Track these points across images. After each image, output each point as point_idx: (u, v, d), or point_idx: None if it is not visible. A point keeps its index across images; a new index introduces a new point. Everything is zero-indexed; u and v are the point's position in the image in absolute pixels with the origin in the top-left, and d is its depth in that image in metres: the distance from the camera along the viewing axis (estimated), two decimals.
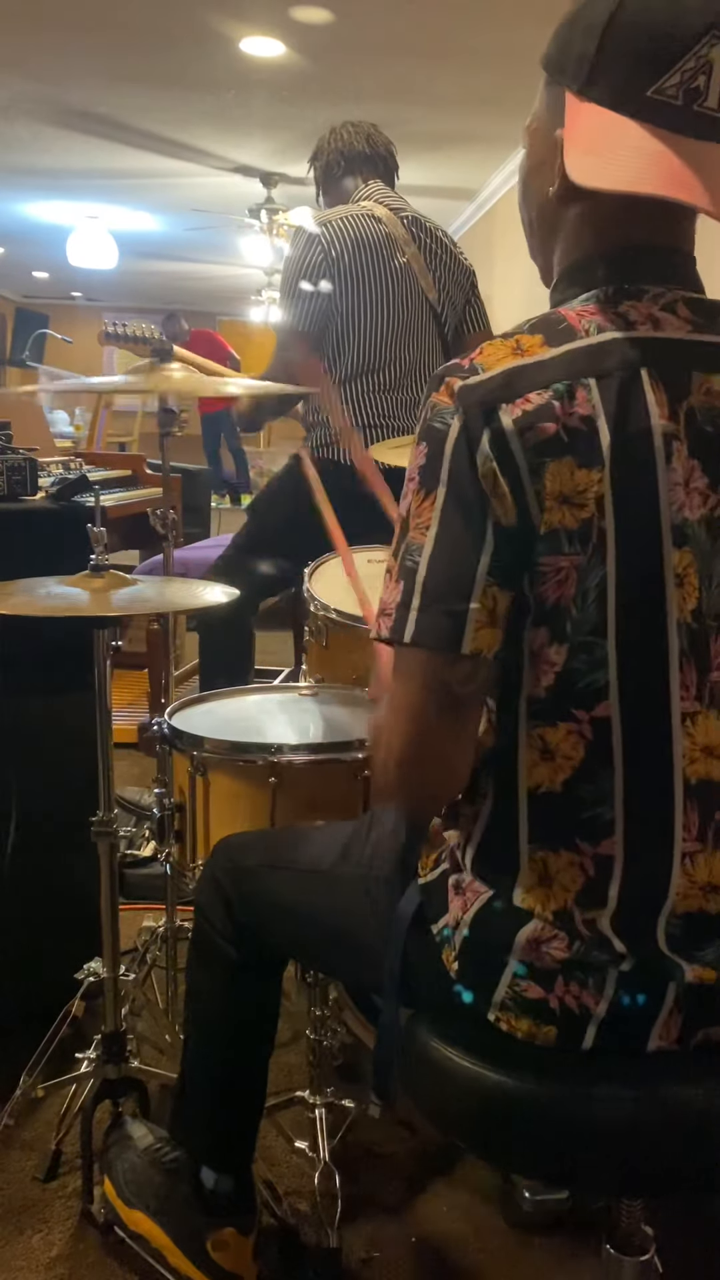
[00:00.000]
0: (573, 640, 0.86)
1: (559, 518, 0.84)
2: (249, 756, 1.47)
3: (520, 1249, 1.45)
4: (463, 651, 0.86)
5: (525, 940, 0.89)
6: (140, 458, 4.15)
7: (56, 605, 1.42)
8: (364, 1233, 1.45)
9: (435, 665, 0.88)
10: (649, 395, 0.85)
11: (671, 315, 0.89)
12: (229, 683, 2.04)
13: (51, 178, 6.79)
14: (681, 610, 0.86)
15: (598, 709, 0.87)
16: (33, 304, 11.51)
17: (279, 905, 1.21)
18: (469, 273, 2.55)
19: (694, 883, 0.88)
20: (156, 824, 1.67)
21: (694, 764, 0.88)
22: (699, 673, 0.87)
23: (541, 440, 0.84)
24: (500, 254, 6.35)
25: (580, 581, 0.85)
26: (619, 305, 0.89)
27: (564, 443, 0.84)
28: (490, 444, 0.84)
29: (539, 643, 0.87)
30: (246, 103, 5.00)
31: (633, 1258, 1.00)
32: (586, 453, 0.84)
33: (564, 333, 0.87)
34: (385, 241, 2.37)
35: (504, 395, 0.85)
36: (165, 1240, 1.33)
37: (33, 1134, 1.63)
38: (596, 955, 0.88)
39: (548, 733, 0.89)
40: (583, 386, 0.84)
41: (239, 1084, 1.32)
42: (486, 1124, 0.93)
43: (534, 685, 0.88)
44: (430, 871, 1.01)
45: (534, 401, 0.84)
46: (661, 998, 0.88)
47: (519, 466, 0.84)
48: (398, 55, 4.33)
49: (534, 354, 0.87)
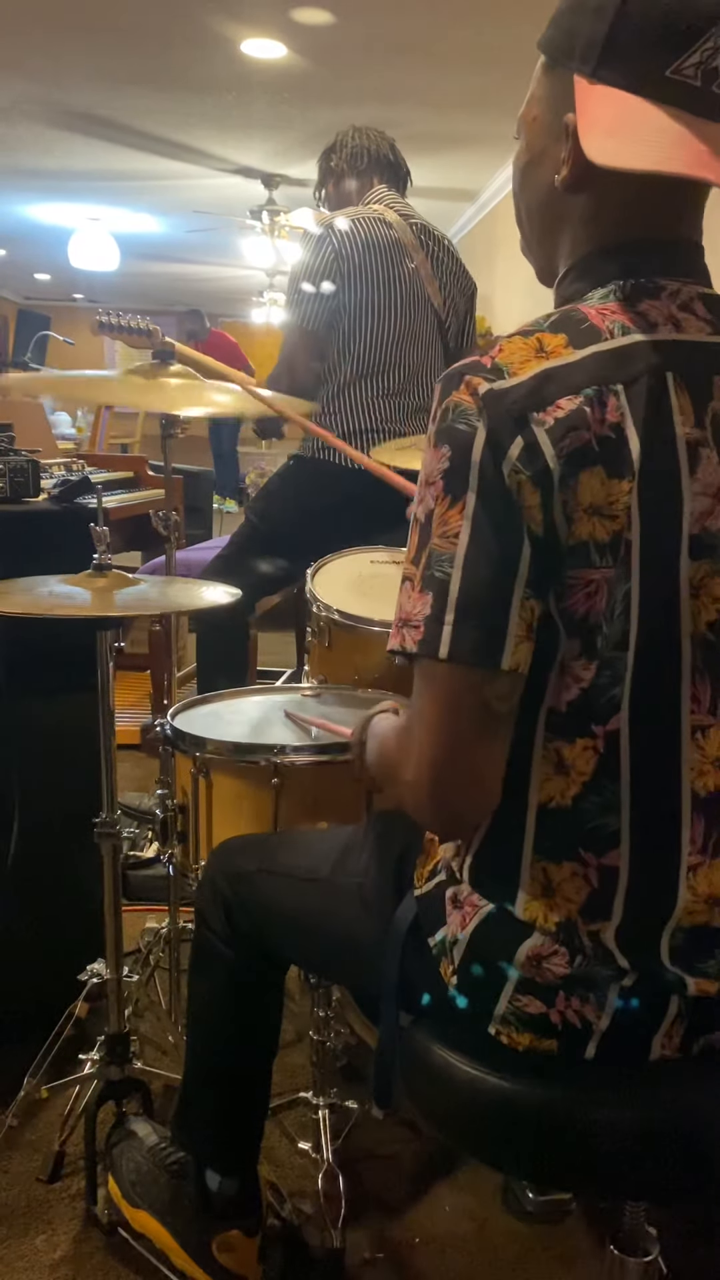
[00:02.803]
0: (602, 655, 0.84)
1: (588, 530, 0.81)
2: (252, 758, 1.47)
3: (524, 1250, 1.45)
4: (502, 667, 0.82)
5: (526, 956, 0.88)
6: (142, 459, 4.15)
7: (59, 604, 1.42)
8: (368, 1233, 1.45)
9: (472, 681, 0.83)
10: (674, 401, 0.83)
11: (691, 315, 0.87)
12: (228, 682, 2.04)
13: (53, 180, 6.80)
14: (696, 623, 0.84)
15: (610, 723, 0.85)
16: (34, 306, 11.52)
17: (277, 911, 1.20)
18: (472, 283, 2.57)
19: (697, 896, 0.87)
20: (159, 825, 1.66)
21: (703, 776, 0.86)
22: (713, 686, 0.85)
23: (575, 449, 0.81)
24: (502, 255, 6.35)
25: (610, 595, 0.83)
26: (639, 304, 0.86)
27: (595, 452, 0.81)
28: (521, 455, 0.81)
29: (569, 655, 0.85)
30: (247, 104, 5.00)
31: (636, 1258, 1.00)
32: (616, 462, 0.81)
33: (588, 333, 0.85)
34: (394, 246, 2.37)
35: (534, 403, 0.81)
36: (170, 1241, 1.33)
37: (36, 1135, 1.63)
38: (598, 970, 0.87)
39: (564, 748, 0.86)
40: (612, 393, 0.82)
41: (242, 1086, 1.32)
42: (487, 1129, 0.93)
43: (555, 699, 0.86)
44: (426, 883, 1.00)
45: (565, 408, 0.81)
46: (663, 1010, 0.87)
47: (551, 477, 0.81)
48: (398, 57, 4.33)
49: (559, 356, 0.83)
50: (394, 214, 2.42)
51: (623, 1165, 0.89)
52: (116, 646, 1.52)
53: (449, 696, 0.85)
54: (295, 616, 2.81)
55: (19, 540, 1.81)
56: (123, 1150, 1.43)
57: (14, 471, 1.85)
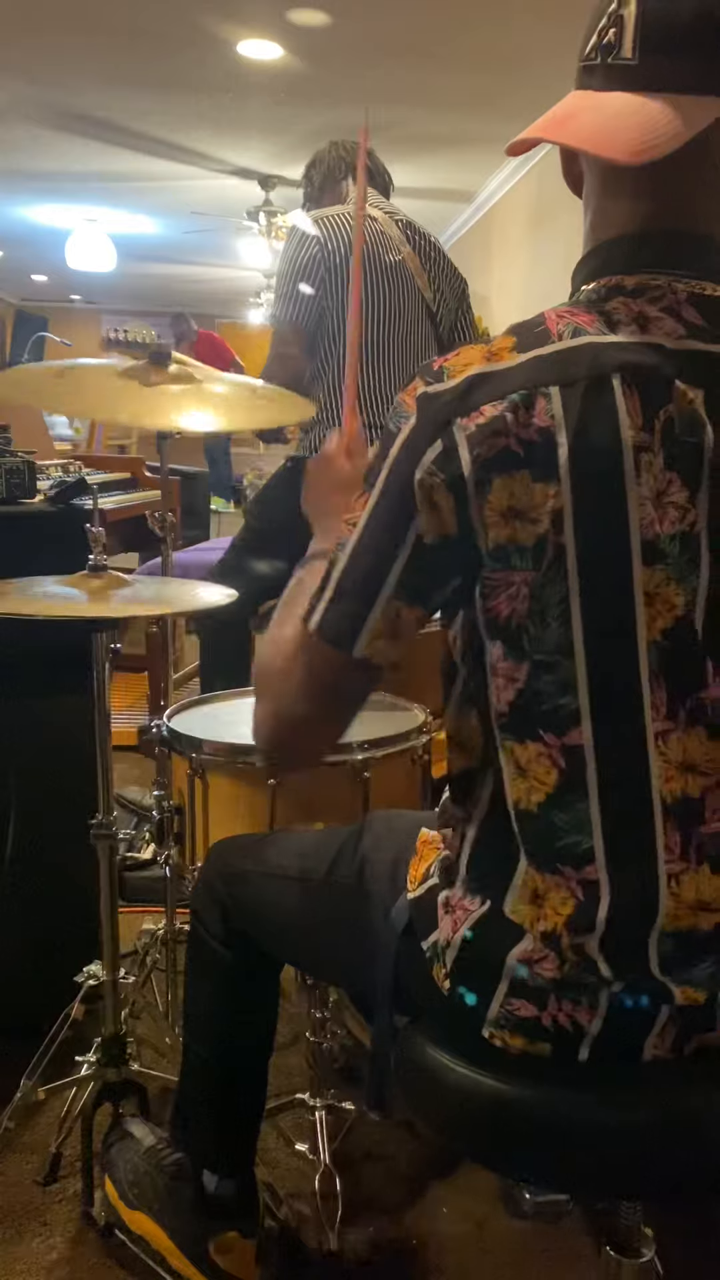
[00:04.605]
0: (532, 657, 0.84)
1: (508, 533, 0.82)
2: (248, 759, 1.47)
3: (521, 1250, 1.45)
4: (354, 654, 0.90)
5: (517, 959, 0.88)
6: (139, 460, 4.15)
7: (55, 605, 1.42)
8: (365, 1235, 1.45)
9: (329, 659, 0.91)
10: (620, 404, 0.81)
11: (668, 316, 0.84)
12: (228, 685, 2.04)
13: (50, 181, 6.80)
14: (652, 629, 0.83)
15: (569, 735, 0.84)
16: (31, 307, 11.51)
17: (272, 912, 1.20)
18: (462, 280, 2.58)
19: (681, 902, 0.86)
20: (156, 827, 1.67)
21: (669, 782, 0.85)
22: (670, 692, 0.84)
23: (491, 456, 0.81)
24: (498, 256, 6.35)
25: (536, 598, 0.83)
26: (608, 303, 0.85)
27: (519, 457, 0.81)
28: (438, 459, 0.83)
29: (495, 657, 0.86)
30: (244, 105, 5.00)
31: (633, 1259, 1.00)
32: (542, 466, 0.81)
33: (538, 337, 0.84)
34: (379, 238, 2.39)
35: (460, 407, 0.83)
36: (167, 1243, 1.32)
37: (33, 1137, 1.63)
38: (587, 976, 0.87)
39: (517, 749, 0.87)
40: (543, 395, 0.81)
41: (239, 1087, 1.32)
42: (483, 1130, 0.93)
43: (497, 699, 0.87)
44: (419, 886, 1.00)
45: (487, 414, 0.82)
46: (655, 1014, 0.87)
47: (465, 482, 0.82)
48: (395, 57, 4.33)
49: (501, 360, 0.84)
50: (378, 210, 2.44)
51: (618, 1166, 0.89)
52: (113, 648, 1.52)
53: (310, 666, 0.93)
54: None
55: (15, 541, 1.81)
56: (120, 1152, 1.43)
57: (10, 473, 1.85)
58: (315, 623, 0.91)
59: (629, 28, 0.81)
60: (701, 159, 0.83)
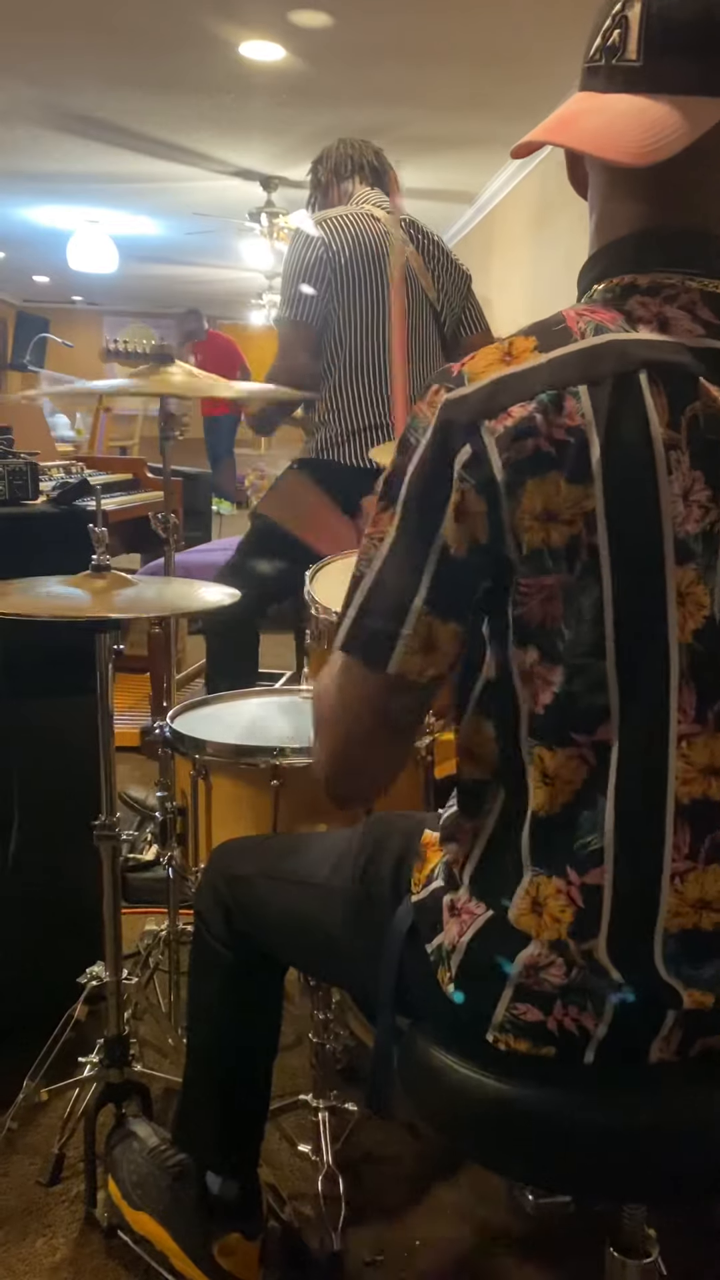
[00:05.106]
0: (568, 661, 0.83)
1: (541, 536, 0.81)
2: (251, 760, 1.47)
3: (524, 1252, 1.45)
4: (388, 671, 0.87)
5: (523, 965, 0.88)
6: (141, 461, 4.15)
7: (58, 606, 1.42)
8: (368, 1236, 1.45)
9: (365, 679, 0.89)
10: (648, 401, 0.80)
11: (686, 315, 0.84)
12: (234, 687, 2.04)
13: (51, 182, 6.80)
14: (682, 630, 0.82)
15: (599, 732, 0.84)
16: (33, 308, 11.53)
17: (275, 914, 1.20)
18: (465, 275, 2.58)
19: (684, 900, 0.85)
20: (159, 827, 1.67)
21: (688, 785, 0.84)
22: (700, 695, 0.83)
23: (522, 458, 0.81)
24: (499, 257, 6.35)
25: (570, 601, 0.82)
26: (626, 301, 0.85)
27: (551, 457, 0.80)
28: (468, 463, 0.82)
29: (529, 662, 0.85)
30: (246, 106, 5.00)
31: (636, 1260, 1.00)
32: (575, 467, 0.80)
33: (559, 335, 0.84)
34: (383, 239, 2.38)
35: (486, 410, 0.82)
36: (170, 1244, 1.32)
37: (36, 1138, 1.63)
38: (594, 981, 0.87)
39: (545, 755, 0.86)
40: (571, 395, 0.80)
41: (242, 1088, 1.32)
42: (486, 1132, 0.93)
43: (532, 703, 0.86)
44: (422, 889, 1.00)
45: (515, 415, 0.81)
46: (661, 1018, 0.87)
47: (497, 486, 0.81)
48: (397, 58, 4.33)
49: (523, 360, 0.83)
50: (381, 211, 2.44)
51: (622, 1168, 0.89)
52: (116, 649, 1.52)
53: (346, 688, 0.91)
54: (296, 619, 2.81)
55: (18, 542, 1.81)
56: (123, 1152, 1.43)
57: (13, 474, 1.85)
58: (341, 640, 0.89)
59: (633, 29, 0.82)
60: (707, 159, 0.83)
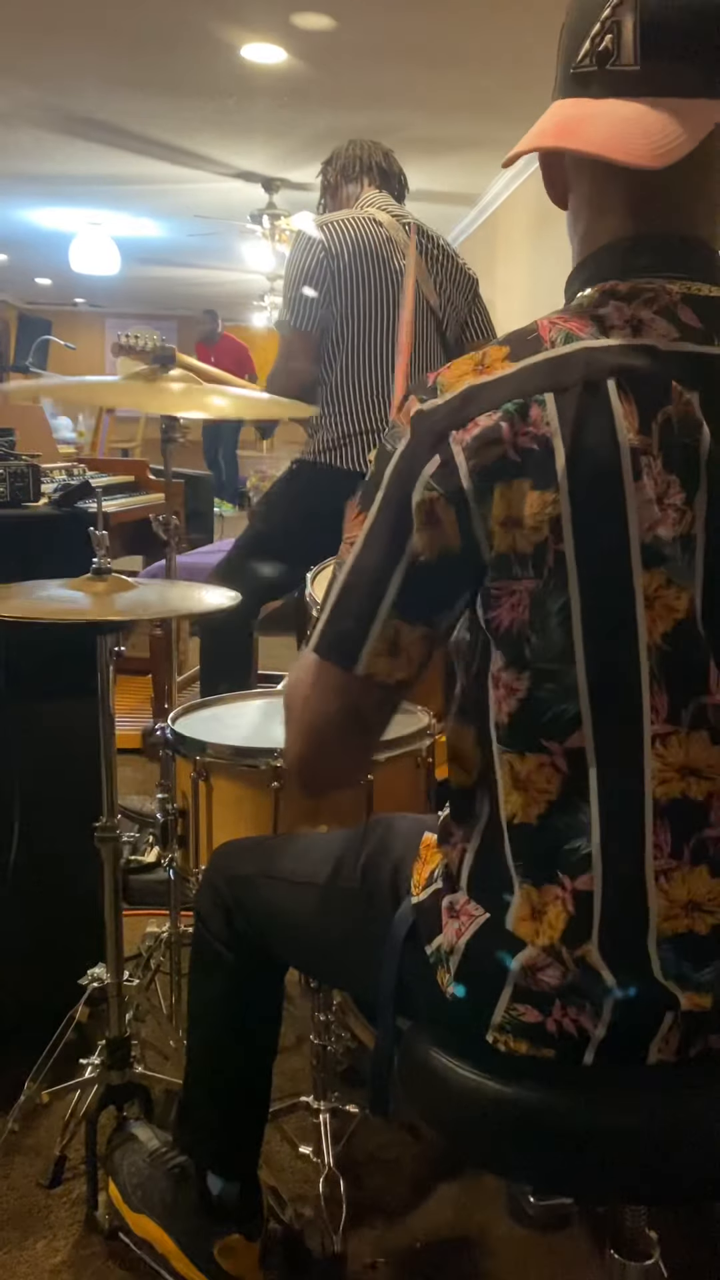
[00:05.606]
0: (534, 666, 0.84)
1: (508, 543, 0.82)
2: (252, 761, 1.47)
3: (525, 1253, 1.45)
4: (356, 671, 0.89)
5: (521, 966, 0.88)
6: (143, 463, 4.15)
7: (59, 608, 1.42)
8: (368, 1238, 1.45)
9: (336, 678, 0.91)
10: (616, 408, 0.81)
11: (663, 320, 0.83)
12: (230, 687, 2.04)
13: (54, 184, 6.82)
14: (652, 633, 0.82)
15: (570, 739, 0.84)
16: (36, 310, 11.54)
17: (275, 915, 1.20)
18: (472, 280, 2.57)
19: (674, 902, 0.85)
20: (160, 829, 1.66)
21: (665, 784, 0.84)
22: (672, 696, 0.83)
23: (487, 465, 0.82)
24: (502, 259, 6.35)
25: (538, 606, 0.83)
26: (602, 308, 0.85)
27: (516, 465, 0.81)
28: (436, 473, 0.83)
29: (496, 668, 0.86)
30: (248, 109, 5.01)
31: (637, 1262, 1.00)
32: (541, 473, 0.81)
33: (530, 344, 0.84)
34: (385, 244, 2.38)
35: (455, 421, 0.83)
36: (171, 1246, 1.32)
37: (37, 1140, 1.63)
38: (590, 984, 0.87)
39: (515, 761, 0.87)
40: (537, 403, 0.81)
41: (243, 1089, 1.32)
42: (487, 1133, 0.93)
43: (498, 711, 0.87)
44: (423, 890, 1.00)
45: (481, 425, 0.82)
46: (659, 1020, 0.87)
47: (465, 494, 0.82)
48: (399, 61, 4.34)
49: (494, 371, 0.84)
50: (386, 215, 2.44)
51: (622, 1169, 0.89)
52: (117, 651, 1.52)
53: (317, 685, 0.93)
54: (296, 620, 2.81)
55: (19, 544, 1.81)
56: (124, 1154, 1.43)
57: (14, 476, 1.86)
58: (315, 642, 0.91)
59: (628, 34, 0.81)
60: (691, 162, 0.82)
